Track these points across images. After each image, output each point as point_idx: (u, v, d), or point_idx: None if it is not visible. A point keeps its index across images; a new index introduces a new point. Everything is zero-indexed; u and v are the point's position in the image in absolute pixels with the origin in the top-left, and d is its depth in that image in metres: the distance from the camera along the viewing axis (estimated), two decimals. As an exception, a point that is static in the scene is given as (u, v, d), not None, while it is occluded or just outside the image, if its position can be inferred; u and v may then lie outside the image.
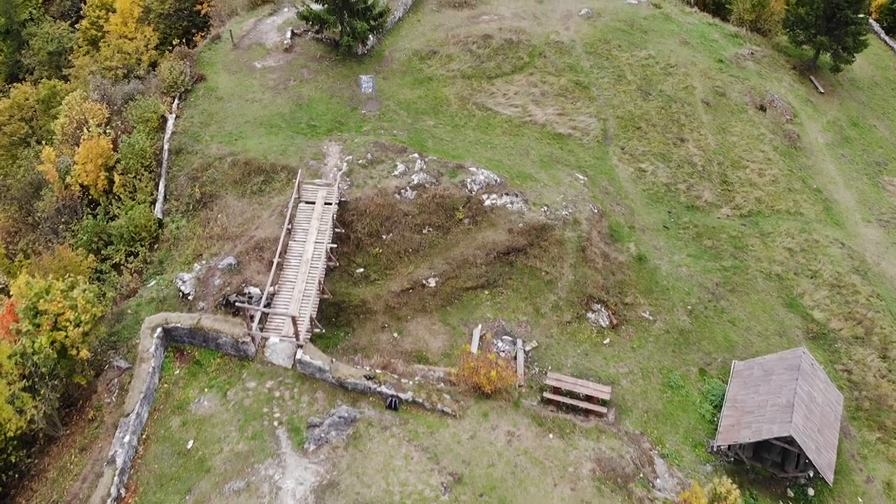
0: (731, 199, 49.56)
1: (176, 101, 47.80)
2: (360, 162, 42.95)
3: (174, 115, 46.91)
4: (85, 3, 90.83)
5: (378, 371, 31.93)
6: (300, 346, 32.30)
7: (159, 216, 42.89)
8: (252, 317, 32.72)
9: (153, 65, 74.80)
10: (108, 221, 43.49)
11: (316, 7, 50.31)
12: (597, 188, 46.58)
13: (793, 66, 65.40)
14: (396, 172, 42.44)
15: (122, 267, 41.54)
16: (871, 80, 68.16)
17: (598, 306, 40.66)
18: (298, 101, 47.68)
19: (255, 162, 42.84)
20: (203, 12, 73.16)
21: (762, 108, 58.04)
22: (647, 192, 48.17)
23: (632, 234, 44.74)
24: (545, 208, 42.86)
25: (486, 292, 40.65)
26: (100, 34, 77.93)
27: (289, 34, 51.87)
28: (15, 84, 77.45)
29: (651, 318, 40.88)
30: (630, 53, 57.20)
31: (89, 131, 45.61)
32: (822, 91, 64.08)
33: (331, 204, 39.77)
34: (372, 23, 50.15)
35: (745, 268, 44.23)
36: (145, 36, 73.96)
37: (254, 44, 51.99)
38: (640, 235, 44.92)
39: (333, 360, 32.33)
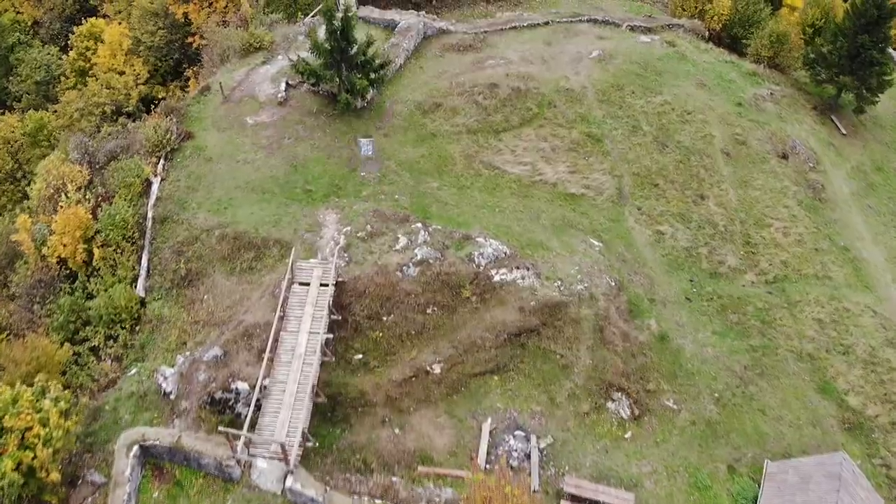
0: (756, 263, 46.23)
1: (161, 161, 44.48)
2: (359, 234, 39.61)
3: (159, 178, 43.61)
4: (73, 32, 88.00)
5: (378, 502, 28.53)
6: (290, 473, 28.93)
7: (141, 294, 39.52)
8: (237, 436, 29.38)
9: (143, 100, 71.72)
10: (86, 299, 40.14)
11: (311, 57, 46.91)
12: (613, 256, 43.21)
13: (813, 105, 62.06)
14: (398, 246, 39.08)
15: (100, 351, 38.21)
16: (895, 118, 64.95)
17: (619, 395, 37.30)
18: (293, 163, 44.34)
19: (245, 236, 39.53)
20: (195, 45, 69.97)
21: (784, 157, 54.72)
22: (667, 257, 44.82)
23: (652, 309, 41.38)
24: (559, 283, 39.51)
25: (496, 378, 37.26)
26: (88, 65, 74.76)
27: (283, 86, 48.52)
28: (1, 117, 74.13)
29: (675, 407, 37.52)
30: (645, 100, 53.84)
31: (67, 197, 42.32)
32: (845, 132, 60.80)
33: (327, 285, 36.43)
34: (372, 75, 46.79)
35: (774, 347, 40.86)
36: (134, 70, 70.84)
37: (246, 96, 48.64)
38: (661, 310, 41.55)
39: (328, 488, 28.96)
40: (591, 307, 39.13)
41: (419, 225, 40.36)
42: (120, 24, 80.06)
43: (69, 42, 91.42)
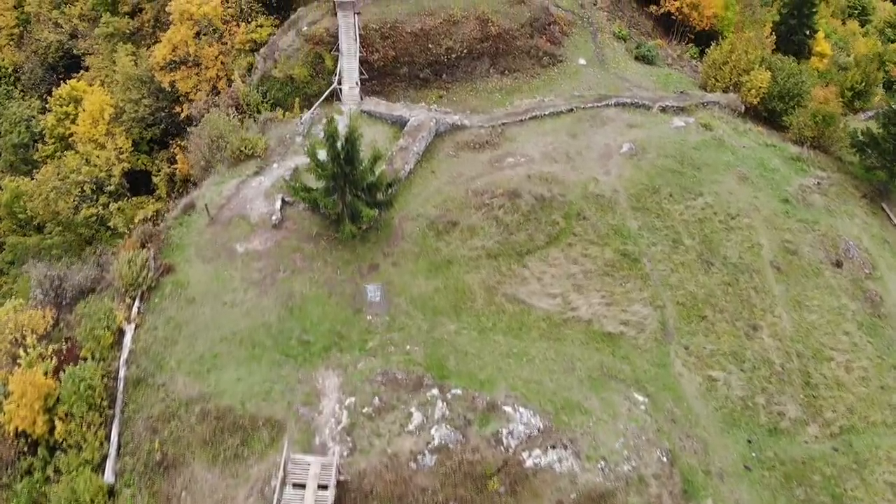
0: (819, 411, 40.01)
1: (136, 303, 38.08)
2: (364, 410, 33.28)
3: (133, 326, 37.22)
4: (55, 84, 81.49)
5: None
6: None
7: (111, 479, 33.18)
8: None
9: (127, 174, 65.33)
10: (47, 481, 33.82)
11: (312, 165, 40.38)
12: (661, 415, 36.88)
13: (863, 193, 55.78)
14: (411, 426, 32.79)
15: (61, 557, 31.86)
16: (951, 205, 58.56)
17: None
18: (289, 303, 37.96)
19: (230, 414, 33.16)
20: (183, 115, 63.66)
21: (838, 264, 48.48)
22: (720, 410, 38.51)
23: (708, 484, 35.05)
24: (602, 463, 33.22)
25: None
26: (67, 131, 68.36)
27: (278, 204, 42.05)
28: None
29: None
30: (684, 204, 47.45)
31: (27, 353, 35.99)
32: (897, 223, 54.57)
33: (326, 487, 30.13)
34: (379, 196, 40.37)
35: (852, 534, 34.60)
36: (117, 144, 64.43)
37: (236, 216, 42.19)
38: (717, 486, 35.22)
39: None
40: (640, 494, 32.85)
41: (435, 392, 34.07)
42: (102, 84, 74.02)
43: (52, 91, 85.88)
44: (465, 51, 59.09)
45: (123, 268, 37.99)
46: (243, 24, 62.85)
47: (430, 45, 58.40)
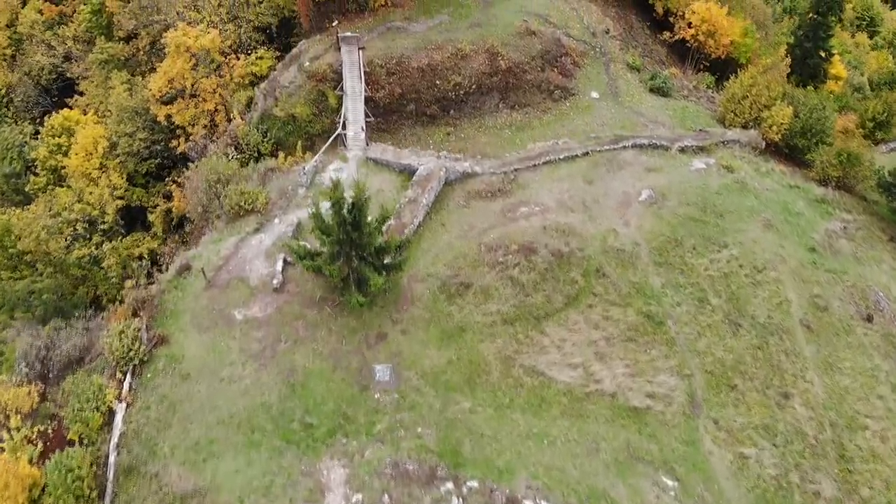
0: (855, 487, 37.20)
1: (128, 378, 35.21)
2: (373, 510, 30.41)
3: (124, 405, 34.36)
4: (45, 119, 78.56)
5: None
6: None
7: (99, 587, 30.36)
8: None
9: (121, 211, 62.35)
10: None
11: (313, 226, 37.50)
12: (691, 500, 34.10)
13: (889, 236, 53.00)
14: (426, 528, 29.93)
15: None
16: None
17: None
18: (290, 380, 35.11)
19: (228, 516, 30.29)
20: (179, 150, 60.78)
21: (869, 319, 45.72)
22: (753, 492, 35.66)
23: (744, 583, 32.29)
24: (630, 566, 30.40)
25: None
26: (60, 164, 65.44)
27: (279, 265, 39.17)
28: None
29: None
30: (708, 258, 44.61)
31: (11, 437, 33.17)
32: (927, 268, 51.56)
33: None
34: (389, 260, 37.46)
35: None
36: (110, 181, 61.49)
37: (234, 279, 39.29)
38: (754, 584, 32.47)
39: None
40: None
41: (450, 486, 31.26)
42: (96, 112, 71.09)
43: (45, 115, 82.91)
44: (473, 86, 56.28)
45: (114, 341, 35.12)
46: (242, 55, 59.98)
47: (437, 81, 55.55)
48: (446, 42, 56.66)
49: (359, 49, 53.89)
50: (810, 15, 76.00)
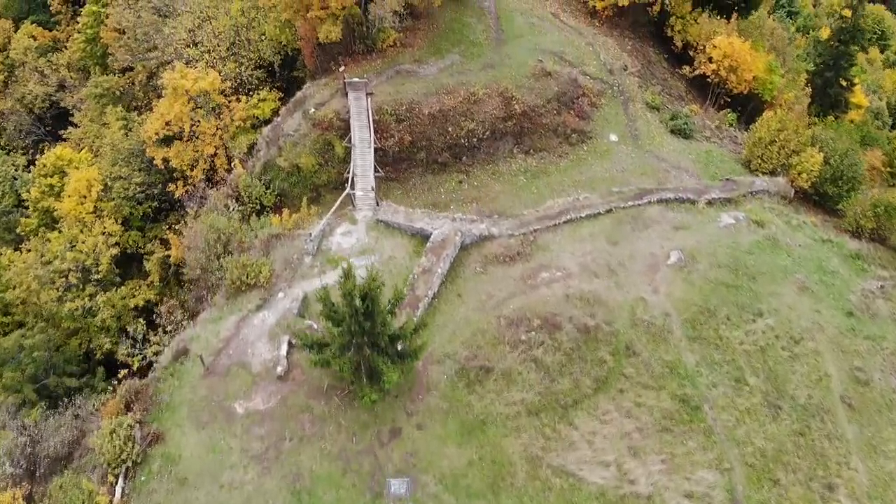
0: (909, 591, 33.97)
1: (120, 482, 31.84)
2: None
3: (116, 516, 31.01)
4: (38, 150, 75.07)
5: None
6: None
7: None
8: None
9: (118, 260, 58.76)
10: None
11: (321, 312, 34.05)
12: None
13: (928, 293, 49.54)
14: None
15: None
16: None
17: None
18: (296, 486, 31.81)
19: None
20: (177, 195, 57.34)
21: (913, 391, 42.38)
22: None
23: None
24: None
25: None
26: (52, 206, 61.92)
27: (284, 349, 35.80)
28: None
29: None
30: (743, 330, 41.31)
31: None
32: (967, 326, 48.22)
33: None
34: (403, 347, 34.01)
35: None
36: (104, 227, 57.94)
37: (235, 365, 35.90)
38: None
39: None
40: None
41: None
42: (90, 148, 67.56)
43: (38, 144, 79.49)
44: (487, 132, 52.97)
45: (105, 443, 31.71)
46: (244, 97, 56.42)
47: (449, 128, 52.18)
48: (458, 85, 53.25)
49: (367, 95, 50.47)
50: (831, 43, 72.79)
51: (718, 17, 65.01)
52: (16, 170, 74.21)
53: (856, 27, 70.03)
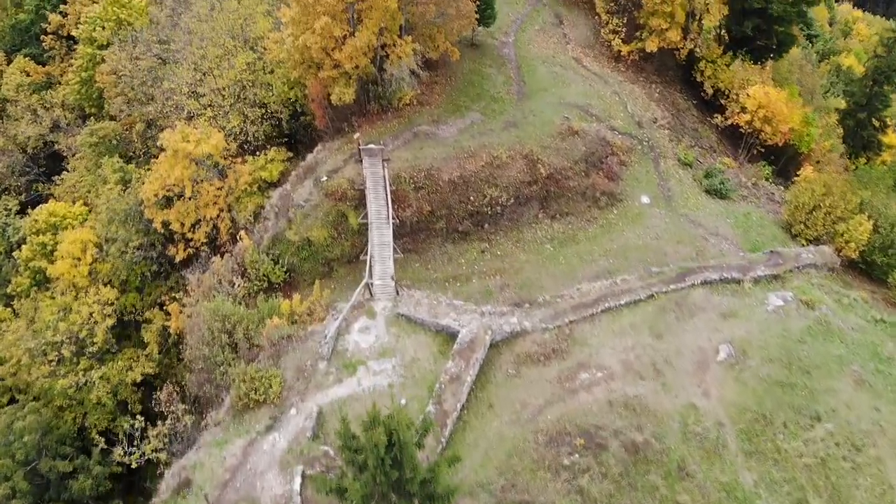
0: None
1: None
2: None
3: None
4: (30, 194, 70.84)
5: None
6: None
7: None
8: None
9: (117, 331, 54.23)
10: None
11: (345, 450, 29.61)
12: None
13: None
14: None
15: None
16: None
17: None
18: None
19: None
20: (177, 259, 52.88)
21: (985, 502, 38.10)
22: None
23: None
24: None
25: None
26: (45, 266, 57.43)
27: (297, 481, 31.30)
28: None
29: None
30: (802, 439, 36.98)
31: None
32: None
33: None
34: (436, 490, 29.58)
35: None
36: (100, 295, 53.46)
37: (242, 501, 31.43)
38: None
39: None
40: None
41: None
42: (85, 202, 63.13)
43: (32, 186, 75.12)
44: (511, 199, 48.46)
45: None
46: (250, 157, 51.88)
47: (470, 196, 47.86)
48: (480, 148, 48.90)
49: (383, 161, 46.05)
50: (865, 83, 68.55)
51: (751, 63, 60.61)
52: (7, 215, 69.84)
53: (891, 67, 65.71)
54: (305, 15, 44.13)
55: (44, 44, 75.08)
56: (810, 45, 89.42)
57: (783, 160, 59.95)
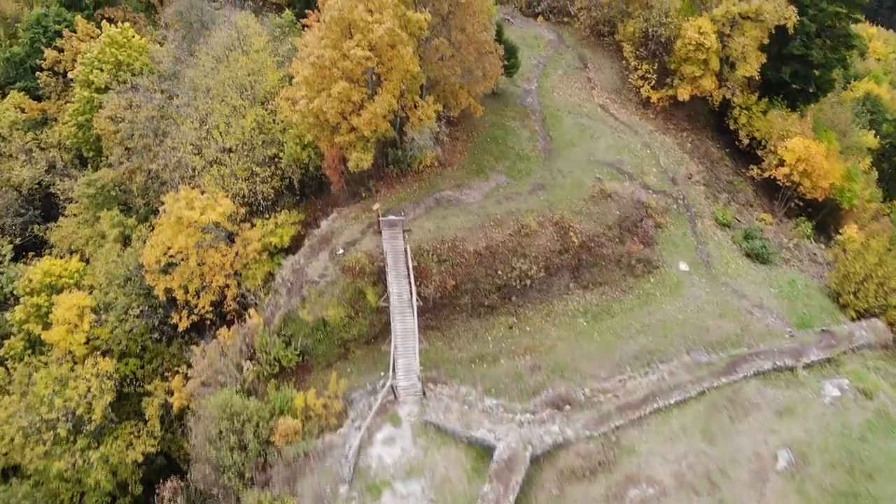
0: None
1: None
2: None
3: None
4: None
5: None
6: None
7: None
8: None
9: (116, 404, 50.12)
10: None
11: None
12: None
13: None
14: None
15: None
16: None
17: None
18: None
19: None
20: (181, 328, 48.85)
21: None
22: None
23: None
24: None
25: None
26: (39, 331, 53.27)
27: None
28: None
29: None
30: (873, 561, 33.08)
31: None
32: None
33: None
34: None
35: None
36: (98, 367, 49.32)
37: None
38: None
39: None
40: None
41: None
42: (82, 256, 58.91)
43: (27, 229, 70.84)
44: (541, 271, 44.38)
45: None
46: (259, 220, 47.78)
47: (497, 268, 43.87)
48: (507, 215, 44.88)
49: (403, 232, 42.02)
50: (902, 126, 64.69)
51: (787, 109, 56.56)
52: (0, 262, 65.61)
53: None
54: (321, 77, 39.99)
55: (39, 80, 70.69)
56: (848, 85, 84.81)
57: (822, 213, 55.90)
